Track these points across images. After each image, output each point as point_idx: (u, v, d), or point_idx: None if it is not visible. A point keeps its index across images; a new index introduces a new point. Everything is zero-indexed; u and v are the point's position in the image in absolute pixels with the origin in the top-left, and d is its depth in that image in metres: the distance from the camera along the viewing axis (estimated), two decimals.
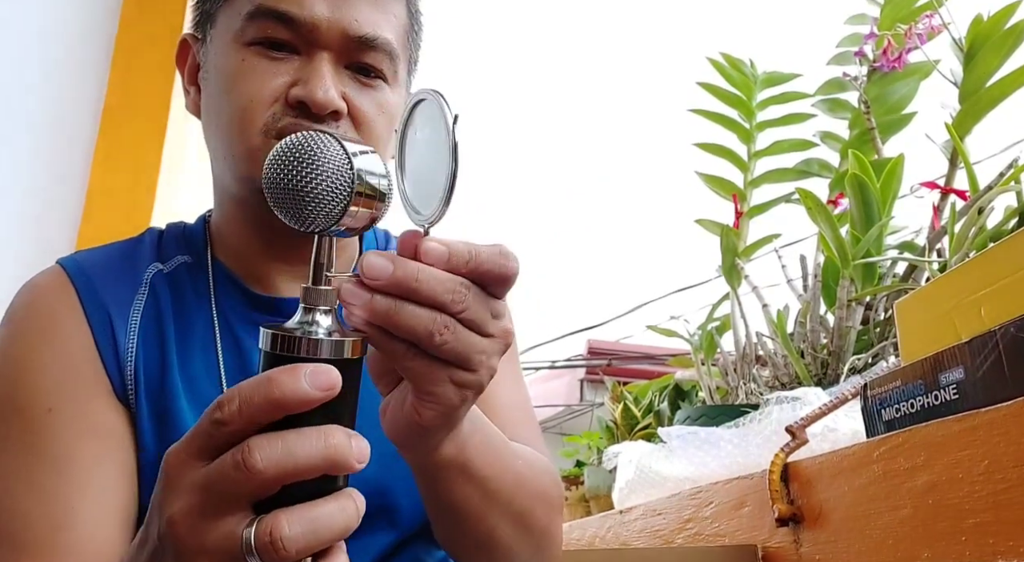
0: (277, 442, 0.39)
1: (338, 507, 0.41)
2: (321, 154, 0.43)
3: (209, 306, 0.75)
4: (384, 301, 0.43)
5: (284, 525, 0.39)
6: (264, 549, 0.39)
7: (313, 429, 0.40)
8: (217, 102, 0.72)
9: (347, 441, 0.41)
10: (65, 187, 1.71)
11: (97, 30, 1.80)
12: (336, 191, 0.43)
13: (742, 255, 1.41)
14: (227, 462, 0.39)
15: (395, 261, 0.43)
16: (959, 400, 0.62)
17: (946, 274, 0.71)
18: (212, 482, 0.40)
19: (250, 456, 0.39)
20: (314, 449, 0.40)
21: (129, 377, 0.70)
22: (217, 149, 0.75)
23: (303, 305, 0.44)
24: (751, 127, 1.47)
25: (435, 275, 0.44)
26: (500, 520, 0.62)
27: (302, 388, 0.39)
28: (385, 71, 0.73)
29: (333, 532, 0.41)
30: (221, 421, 0.40)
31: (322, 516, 0.40)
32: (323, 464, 0.40)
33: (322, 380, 0.40)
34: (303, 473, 0.40)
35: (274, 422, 0.40)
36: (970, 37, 1.14)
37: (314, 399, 0.40)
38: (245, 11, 0.70)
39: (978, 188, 1.04)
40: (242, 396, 0.40)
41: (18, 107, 1.70)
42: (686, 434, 1.11)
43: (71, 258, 0.76)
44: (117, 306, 0.72)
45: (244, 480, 0.39)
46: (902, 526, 0.66)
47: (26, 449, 0.65)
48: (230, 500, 0.40)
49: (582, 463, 1.94)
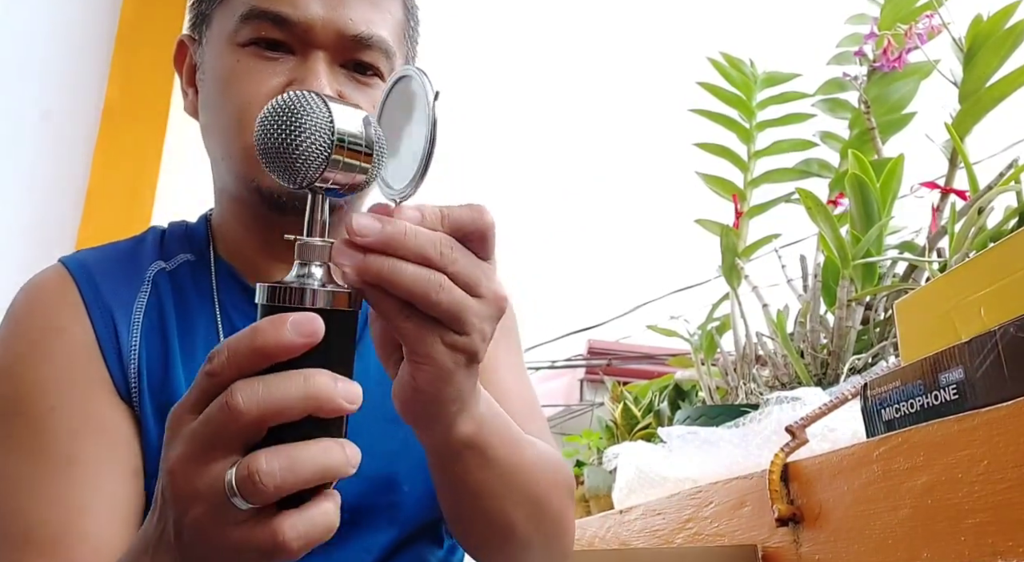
0: (258, 384, 0.40)
1: (320, 448, 0.41)
2: (303, 109, 0.44)
3: (212, 303, 0.75)
4: (376, 259, 0.44)
5: (262, 461, 0.40)
6: (243, 484, 0.40)
7: (296, 371, 0.41)
8: (214, 103, 0.73)
9: (331, 382, 0.42)
10: (65, 187, 1.71)
11: (97, 30, 1.80)
12: (317, 143, 0.44)
13: (742, 255, 1.41)
14: (213, 407, 0.41)
15: (382, 219, 0.44)
16: (959, 400, 0.62)
17: (946, 274, 0.71)
18: (201, 428, 0.41)
19: (232, 398, 0.40)
20: (294, 389, 0.40)
21: (132, 375, 0.70)
22: (215, 150, 0.75)
23: (298, 260, 0.45)
24: (751, 127, 1.47)
25: (422, 231, 0.45)
26: (516, 507, 0.62)
27: (285, 335, 0.40)
28: (382, 68, 0.73)
29: (312, 470, 0.41)
30: (211, 372, 0.41)
31: (302, 454, 0.41)
32: (304, 403, 0.41)
33: (304, 327, 0.41)
34: (285, 413, 0.41)
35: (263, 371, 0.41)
36: (970, 37, 1.14)
37: (296, 345, 0.41)
38: (239, 12, 0.70)
39: (978, 188, 1.04)
40: (230, 347, 0.41)
41: (18, 107, 1.70)
42: (686, 434, 1.11)
43: (73, 257, 0.76)
44: (120, 304, 0.72)
45: (228, 421, 0.40)
46: (902, 526, 0.66)
47: (29, 448, 0.65)
48: (218, 444, 0.41)
49: (582, 463, 1.94)
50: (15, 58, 1.70)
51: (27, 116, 1.71)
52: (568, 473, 0.72)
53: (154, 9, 1.82)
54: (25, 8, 1.73)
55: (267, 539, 0.40)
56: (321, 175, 0.45)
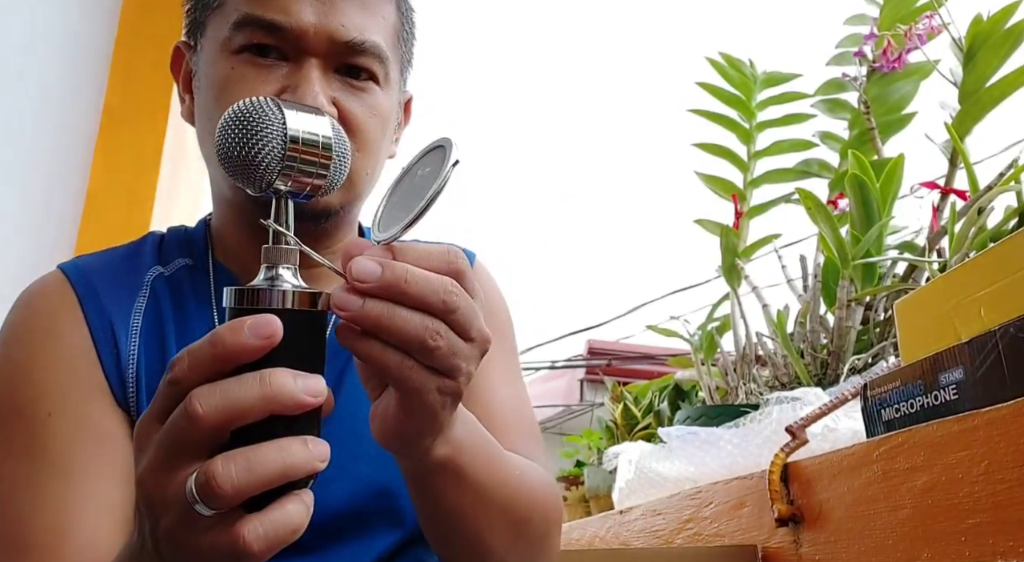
0: (215, 388, 0.40)
1: (278, 448, 0.41)
2: (256, 115, 0.46)
3: (210, 308, 0.75)
4: (376, 306, 0.44)
5: (219, 465, 0.40)
6: (202, 490, 0.40)
7: (253, 373, 0.41)
8: (209, 110, 0.73)
9: (290, 379, 0.41)
10: (65, 188, 1.71)
11: (97, 31, 1.80)
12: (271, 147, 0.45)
13: (742, 255, 1.41)
14: (175, 415, 0.41)
15: (383, 263, 0.44)
16: (959, 400, 0.62)
17: (946, 274, 0.71)
18: (165, 437, 0.41)
19: (191, 404, 0.40)
20: (252, 390, 0.40)
21: (131, 380, 0.70)
22: (210, 156, 0.75)
23: (264, 264, 0.46)
24: (751, 127, 1.47)
25: (425, 276, 0.45)
26: (493, 529, 0.62)
27: (243, 338, 0.40)
28: (376, 72, 0.73)
29: (272, 470, 0.41)
30: (173, 381, 0.41)
31: (260, 456, 0.40)
32: (263, 403, 0.41)
33: (262, 329, 0.41)
34: (245, 415, 0.40)
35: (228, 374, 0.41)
36: (970, 37, 1.14)
37: (255, 347, 0.41)
38: (232, 19, 0.70)
39: (978, 188, 1.04)
40: (191, 353, 0.41)
41: (18, 108, 1.70)
42: (686, 434, 1.11)
43: (72, 263, 0.76)
44: (118, 310, 0.72)
45: (190, 428, 0.40)
46: (902, 526, 0.66)
47: (26, 454, 0.65)
48: (183, 451, 0.41)
49: (582, 463, 1.94)
50: (15, 58, 1.70)
51: (27, 116, 1.71)
52: (555, 495, 0.71)
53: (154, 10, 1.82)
54: (25, 9, 1.73)
55: (229, 543, 0.40)
56: (278, 178, 0.46)
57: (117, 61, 1.80)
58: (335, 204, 0.73)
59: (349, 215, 0.78)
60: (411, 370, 0.46)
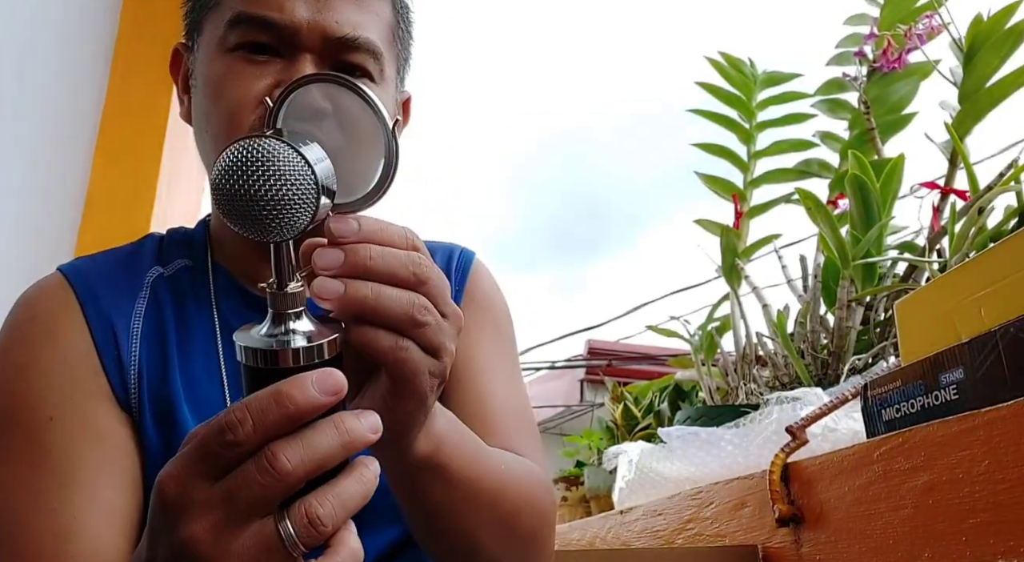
0: (298, 442, 0.41)
1: (356, 478, 0.43)
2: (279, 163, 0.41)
3: (210, 309, 0.75)
4: (361, 288, 0.44)
5: (316, 506, 0.41)
6: (304, 531, 0.41)
7: (324, 421, 0.42)
8: (205, 109, 0.73)
9: (358, 422, 0.43)
10: (65, 189, 1.71)
11: (97, 33, 1.80)
12: (302, 203, 0.42)
13: (742, 255, 1.41)
14: (251, 471, 0.40)
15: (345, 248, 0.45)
16: (959, 400, 0.62)
17: (946, 274, 0.71)
18: (235, 494, 0.40)
19: (276, 461, 0.40)
20: (333, 440, 0.41)
21: (132, 382, 0.70)
22: (208, 156, 0.75)
23: (273, 311, 0.44)
24: (751, 127, 1.47)
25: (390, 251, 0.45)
26: (480, 525, 0.62)
27: (313, 397, 0.41)
28: (370, 69, 0.73)
29: (357, 501, 0.43)
30: (235, 443, 0.40)
31: (346, 489, 0.42)
32: (343, 451, 0.42)
33: (329, 385, 0.41)
34: (327, 464, 0.41)
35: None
36: (970, 37, 1.14)
37: (326, 405, 0.41)
38: (227, 18, 0.71)
39: (978, 188, 1.04)
40: (254, 416, 0.40)
41: (18, 109, 1.70)
42: (686, 434, 1.11)
43: (71, 265, 0.75)
44: (119, 312, 0.72)
45: (272, 484, 0.40)
46: (902, 526, 0.66)
47: (28, 458, 0.64)
48: (257, 506, 0.41)
49: (582, 463, 1.94)
50: (15, 58, 1.70)
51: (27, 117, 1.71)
52: (547, 489, 0.71)
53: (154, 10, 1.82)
54: (25, 8, 1.73)
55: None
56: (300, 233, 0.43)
57: (117, 61, 1.80)
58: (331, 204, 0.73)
59: None
60: (406, 351, 0.46)
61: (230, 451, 0.40)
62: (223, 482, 0.41)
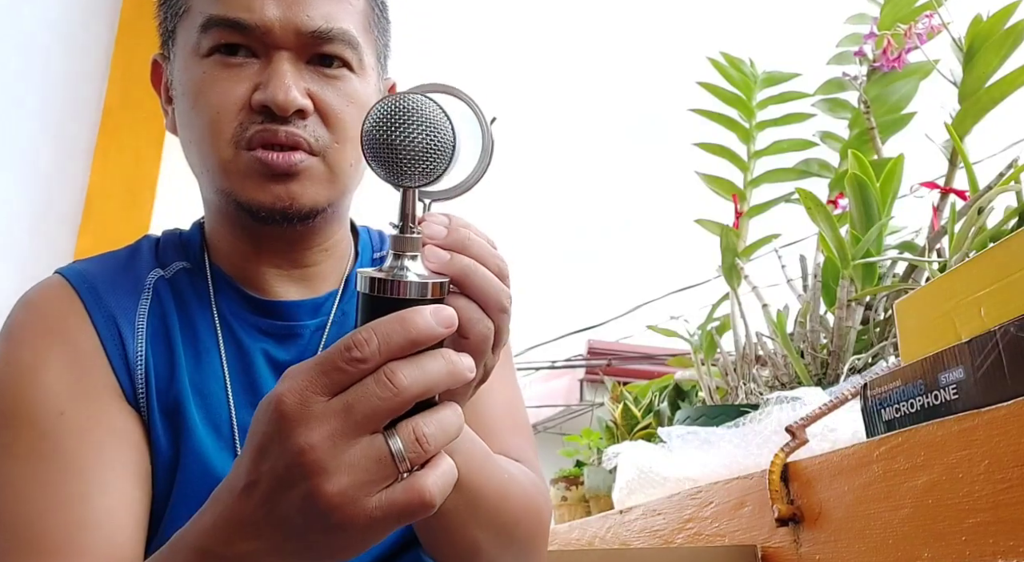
0: (414, 364, 0.45)
1: (451, 411, 0.47)
2: (428, 114, 0.47)
3: (210, 310, 0.75)
4: (463, 258, 0.49)
5: (423, 425, 0.45)
6: (411, 447, 0.44)
7: (437, 351, 0.46)
8: (187, 118, 0.73)
9: (459, 357, 0.47)
10: (65, 188, 1.71)
11: (97, 30, 1.80)
12: (442, 153, 0.47)
13: (742, 255, 1.41)
14: (371, 386, 0.44)
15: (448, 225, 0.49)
16: (959, 400, 0.62)
17: (946, 274, 0.71)
18: (353, 406, 0.44)
19: (395, 377, 0.44)
20: (442, 367, 0.45)
21: (140, 380, 0.70)
22: (195, 164, 0.75)
23: (393, 251, 0.49)
24: (751, 127, 1.47)
25: (479, 241, 0.50)
26: (482, 530, 0.63)
27: (432, 325, 0.45)
28: (348, 60, 0.72)
29: (455, 429, 0.47)
30: (361, 359, 0.44)
31: (446, 417, 0.46)
32: (448, 379, 0.46)
33: (445, 317, 0.46)
34: (435, 388, 0.45)
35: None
36: (970, 37, 1.15)
37: (442, 335, 0.45)
38: (198, 23, 0.70)
39: (978, 188, 1.04)
40: (380, 336, 0.44)
41: (18, 109, 1.70)
42: (686, 434, 1.11)
43: (70, 267, 0.75)
44: (123, 311, 0.72)
45: (390, 398, 0.44)
46: (902, 526, 0.66)
47: (39, 453, 0.65)
48: (371, 419, 0.44)
49: (582, 463, 1.94)
50: (15, 58, 1.70)
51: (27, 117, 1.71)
52: (545, 497, 0.72)
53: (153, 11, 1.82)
54: (25, 8, 1.73)
55: (416, 498, 0.44)
56: (430, 184, 0.49)
57: (117, 61, 1.80)
58: (322, 202, 0.73)
59: (338, 211, 0.77)
60: (488, 331, 0.49)
61: (354, 367, 0.44)
62: (342, 395, 0.44)
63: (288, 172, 0.69)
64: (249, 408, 0.73)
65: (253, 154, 0.69)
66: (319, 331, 0.77)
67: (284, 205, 0.70)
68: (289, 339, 0.76)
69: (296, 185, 0.70)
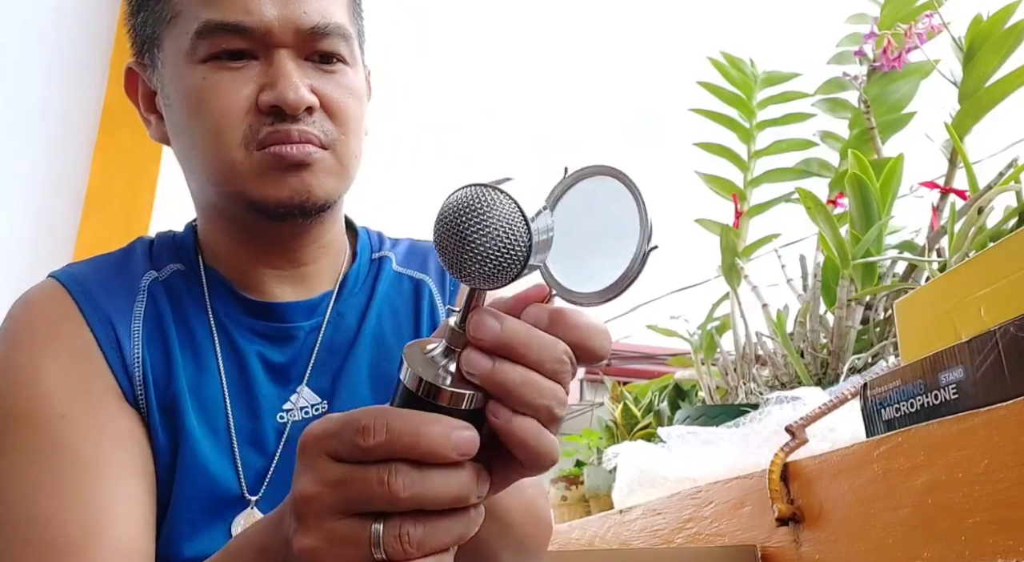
0: (420, 475, 0.42)
1: (462, 522, 0.44)
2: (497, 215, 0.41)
3: (205, 312, 0.75)
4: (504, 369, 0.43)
5: (411, 525, 0.42)
6: (392, 542, 0.42)
7: (452, 470, 0.42)
8: (186, 125, 0.72)
9: (474, 484, 0.43)
10: (64, 188, 1.71)
11: (97, 30, 1.80)
12: (510, 260, 0.41)
13: (742, 255, 1.41)
14: (371, 475, 0.42)
15: (500, 318, 0.43)
16: (959, 400, 0.62)
17: (946, 274, 0.71)
18: (350, 485, 0.42)
19: (394, 479, 0.41)
20: (449, 489, 0.42)
21: (138, 382, 0.70)
22: (195, 170, 0.74)
23: (447, 345, 0.44)
24: (751, 126, 1.47)
25: (544, 338, 0.43)
26: (508, 550, 0.63)
27: (446, 449, 0.41)
28: (344, 54, 0.73)
29: (452, 539, 0.43)
30: (364, 447, 0.42)
31: (443, 523, 0.43)
32: (451, 502, 0.43)
33: (464, 446, 0.42)
34: (435, 505, 0.42)
35: None
36: (970, 37, 1.15)
37: (451, 460, 0.42)
38: (193, 29, 0.69)
39: (978, 188, 1.04)
40: (390, 432, 0.41)
41: (18, 108, 1.70)
42: (686, 434, 1.11)
43: (64, 271, 0.75)
44: (118, 314, 0.72)
45: (381, 495, 0.41)
46: (902, 526, 0.66)
47: (43, 455, 0.65)
48: (364, 505, 0.42)
49: (582, 463, 1.94)
50: (15, 58, 1.70)
51: (27, 117, 1.71)
52: (547, 505, 0.72)
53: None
54: (25, 9, 1.73)
55: None
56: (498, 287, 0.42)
57: (117, 61, 1.80)
58: (334, 194, 0.73)
59: (338, 204, 0.78)
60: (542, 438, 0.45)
61: (358, 450, 0.42)
62: (348, 468, 0.42)
63: (303, 163, 0.69)
64: (245, 410, 0.73)
65: (266, 151, 0.69)
66: (314, 332, 0.77)
67: (301, 199, 0.70)
68: (284, 341, 0.75)
69: (311, 176, 0.70)
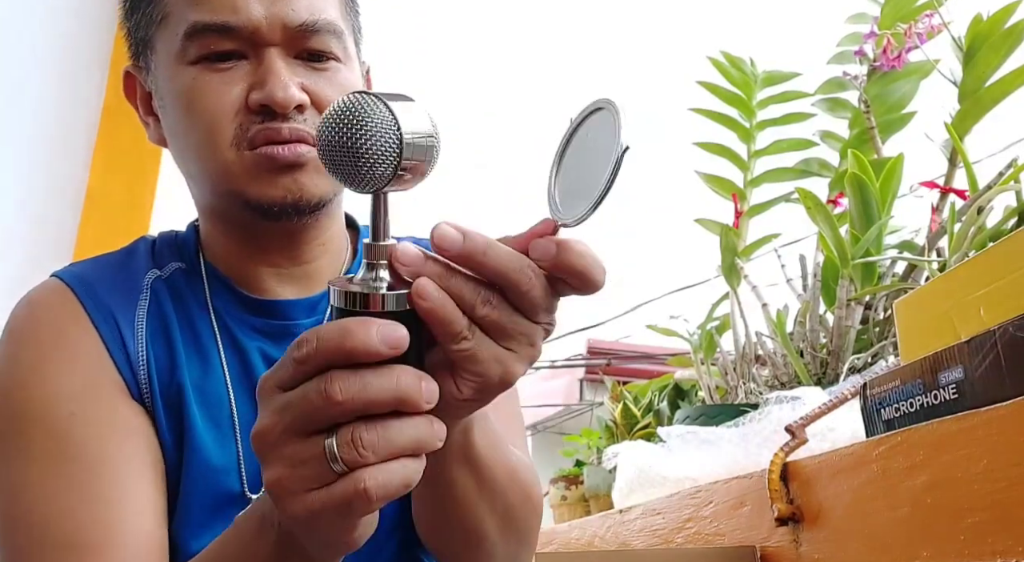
0: (355, 378, 0.43)
1: (410, 422, 0.44)
2: (370, 117, 0.44)
3: (207, 310, 0.75)
4: (434, 267, 0.45)
5: (363, 431, 0.43)
6: (346, 450, 0.43)
7: (387, 368, 0.44)
8: (180, 126, 0.72)
9: (416, 382, 0.44)
10: (64, 188, 1.71)
11: (97, 30, 1.80)
12: (386, 154, 0.44)
13: (742, 255, 1.41)
14: (310, 389, 0.43)
15: (464, 232, 0.45)
16: (958, 400, 0.62)
17: (945, 274, 0.71)
18: (294, 405, 0.44)
19: (331, 386, 0.43)
20: (386, 386, 0.43)
21: (143, 380, 0.70)
22: (191, 171, 0.75)
23: (366, 261, 0.47)
24: (751, 126, 1.47)
25: (503, 250, 0.45)
26: (489, 513, 0.63)
27: (372, 342, 0.43)
28: (335, 51, 0.72)
29: (406, 442, 0.44)
30: (299, 360, 0.44)
31: (394, 426, 0.44)
32: (393, 401, 0.43)
33: (391, 337, 0.43)
34: (375, 406, 0.43)
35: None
36: (970, 37, 1.15)
37: (381, 354, 0.43)
38: (182, 31, 0.69)
39: (977, 188, 1.04)
40: (319, 341, 0.43)
41: (18, 109, 1.70)
42: (686, 434, 1.11)
43: (67, 270, 0.75)
44: (122, 312, 0.72)
45: (324, 406, 0.43)
46: (901, 525, 0.67)
47: (54, 454, 0.65)
48: (311, 421, 0.44)
49: (581, 462, 1.94)
50: (15, 58, 1.70)
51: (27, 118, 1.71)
52: (539, 485, 0.72)
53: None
54: (25, 9, 1.73)
55: (351, 489, 0.43)
56: (388, 185, 0.45)
57: (116, 62, 1.80)
58: (329, 193, 0.73)
59: (336, 202, 0.78)
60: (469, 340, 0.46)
61: (296, 365, 0.44)
62: (289, 393, 0.44)
63: (295, 163, 0.69)
64: (249, 406, 0.73)
65: (258, 152, 0.69)
66: None
67: (295, 198, 0.70)
68: (285, 338, 0.76)
69: (303, 176, 0.70)
